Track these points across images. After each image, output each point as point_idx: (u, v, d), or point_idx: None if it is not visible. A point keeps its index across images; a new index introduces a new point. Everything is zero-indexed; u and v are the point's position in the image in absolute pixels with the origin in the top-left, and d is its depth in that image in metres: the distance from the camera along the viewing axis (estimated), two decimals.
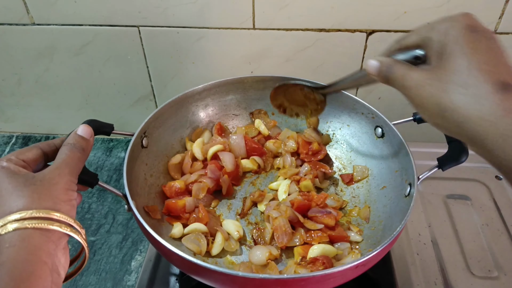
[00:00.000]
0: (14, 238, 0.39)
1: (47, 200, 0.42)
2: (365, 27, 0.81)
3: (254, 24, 0.83)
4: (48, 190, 0.43)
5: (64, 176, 0.45)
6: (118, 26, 0.85)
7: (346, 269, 0.50)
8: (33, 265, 0.39)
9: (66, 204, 0.44)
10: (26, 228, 0.40)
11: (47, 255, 0.40)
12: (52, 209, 0.42)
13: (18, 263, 0.38)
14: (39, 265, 0.39)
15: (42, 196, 0.42)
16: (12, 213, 0.40)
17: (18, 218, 0.40)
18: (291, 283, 0.49)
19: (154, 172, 0.73)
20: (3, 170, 0.43)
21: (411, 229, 0.77)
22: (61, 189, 0.44)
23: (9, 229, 0.39)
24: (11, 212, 0.40)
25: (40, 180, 0.43)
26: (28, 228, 0.40)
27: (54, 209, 0.42)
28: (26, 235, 0.40)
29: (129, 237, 0.82)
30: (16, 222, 0.40)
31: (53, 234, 0.42)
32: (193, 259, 0.50)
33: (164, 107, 0.73)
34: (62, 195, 0.44)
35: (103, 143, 1.05)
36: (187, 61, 0.90)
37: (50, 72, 0.94)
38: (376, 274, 0.69)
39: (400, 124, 0.70)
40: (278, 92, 0.72)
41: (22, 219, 0.40)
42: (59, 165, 0.46)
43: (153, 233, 0.53)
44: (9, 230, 0.39)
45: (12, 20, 0.86)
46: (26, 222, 0.40)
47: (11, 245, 0.39)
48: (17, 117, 1.05)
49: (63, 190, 0.44)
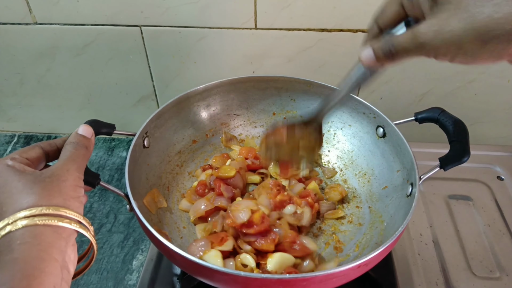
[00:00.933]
0: (26, 235, 0.39)
1: (57, 197, 0.42)
2: (367, 27, 0.81)
3: (256, 24, 0.83)
4: (58, 186, 0.43)
5: (72, 173, 0.45)
6: (120, 26, 0.85)
7: (348, 268, 0.50)
8: (44, 262, 0.39)
9: (75, 200, 0.44)
10: (36, 225, 0.39)
11: (58, 252, 0.40)
12: (61, 206, 0.42)
13: (31, 260, 0.38)
14: (50, 262, 0.39)
15: (51, 193, 0.42)
16: (22, 210, 0.40)
17: (28, 215, 0.40)
18: (293, 283, 0.49)
19: (155, 172, 0.73)
20: (10, 168, 0.43)
21: (413, 229, 0.77)
22: (70, 185, 0.44)
23: (18, 226, 0.39)
24: (21, 209, 0.40)
25: (49, 177, 0.43)
26: (39, 225, 0.40)
27: (64, 206, 0.42)
28: (38, 232, 0.39)
29: (131, 236, 0.82)
30: (25, 219, 0.39)
31: (63, 231, 0.42)
32: (195, 259, 0.50)
33: (165, 107, 0.73)
34: (71, 192, 0.44)
35: (104, 142, 1.05)
36: (189, 61, 0.90)
37: (52, 72, 0.94)
38: (377, 274, 0.69)
39: (401, 124, 0.70)
40: (268, 146, 0.65)
41: (32, 215, 0.40)
42: (66, 162, 0.46)
43: (155, 233, 0.53)
44: (18, 227, 0.39)
45: (14, 19, 0.86)
46: (36, 219, 0.40)
47: (23, 242, 0.39)
48: (19, 116, 1.05)
49: (72, 187, 0.44)
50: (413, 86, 0.89)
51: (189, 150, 0.81)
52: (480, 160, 0.89)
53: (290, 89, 0.82)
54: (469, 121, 0.81)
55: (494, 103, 0.91)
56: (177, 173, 0.78)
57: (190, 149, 0.81)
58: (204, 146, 0.83)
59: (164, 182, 0.74)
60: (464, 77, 0.87)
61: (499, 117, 0.93)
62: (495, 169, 0.88)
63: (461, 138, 0.62)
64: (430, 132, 0.81)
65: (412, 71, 0.87)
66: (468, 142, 0.62)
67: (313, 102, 0.81)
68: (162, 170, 0.75)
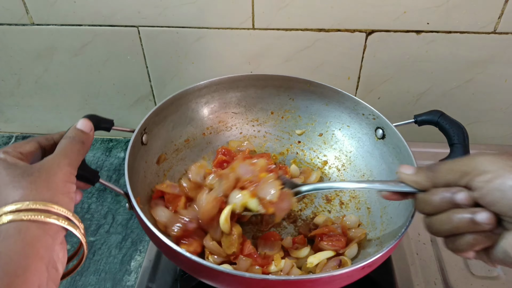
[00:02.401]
0: (10, 230, 0.38)
1: (45, 192, 0.41)
2: (365, 27, 0.81)
3: (253, 24, 0.83)
4: (46, 181, 0.42)
5: (63, 167, 0.44)
6: (117, 26, 0.85)
7: (353, 270, 0.49)
8: (29, 259, 0.37)
9: (64, 196, 0.43)
10: (22, 220, 0.38)
11: (44, 249, 0.39)
12: (49, 201, 0.41)
13: (14, 255, 0.37)
14: (35, 259, 0.38)
15: (39, 187, 0.41)
16: (8, 205, 0.39)
17: (13, 210, 0.38)
18: (298, 284, 0.49)
19: (153, 170, 0.72)
20: (1, 162, 0.42)
21: (411, 229, 0.77)
22: (59, 180, 0.43)
23: (3, 221, 0.38)
24: (7, 204, 0.39)
25: (38, 171, 0.42)
26: (24, 220, 0.38)
27: (52, 201, 0.41)
28: (23, 227, 0.38)
29: (129, 237, 0.82)
30: (11, 213, 0.38)
31: (50, 228, 0.40)
32: (197, 258, 0.49)
33: (164, 103, 0.73)
34: (60, 187, 0.43)
35: (102, 143, 1.05)
36: (187, 61, 0.90)
37: (50, 73, 0.94)
38: (376, 274, 0.68)
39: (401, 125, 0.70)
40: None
41: (17, 210, 0.39)
42: (58, 156, 0.45)
43: (156, 231, 0.52)
44: (3, 222, 0.38)
45: (11, 20, 0.86)
46: (22, 214, 0.38)
47: (7, 236, 0.38)
48: (17, 117, 1.05)
49: (61, 182, 0.43)
50: (411, 85, 0.89)
51: (186, 148, 0.80)
52: None
53: (289, 88, 0.81)
54: (467, 120, 0.81)
55: (492, 102, 0.91)
56: (174, 171, 0.78)
57: (188, 146, 0.81)
58: (201, 144, 0.82)
59: (162, 180, 0.74)
60: (461, 77, 0.87)
61: (497, 116, 0.93)
62: None
63: (462, 141, 0.62)
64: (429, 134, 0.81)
65: (410, 70, 0.87)
66: (468, 146, 0.62)
67: (312, 102, 0.81)
68: (159, 167, 0.75)
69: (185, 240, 0.63)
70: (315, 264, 0.62)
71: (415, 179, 0.48)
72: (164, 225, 0.64)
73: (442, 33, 0.81)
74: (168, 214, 0.66)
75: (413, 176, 0.48)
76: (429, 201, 0.45)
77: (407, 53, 0.84)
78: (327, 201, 0.76)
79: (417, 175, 0.47)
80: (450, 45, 0.82)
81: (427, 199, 0.46)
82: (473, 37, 0.81)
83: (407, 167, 0.49)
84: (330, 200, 0.76)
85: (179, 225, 0.62)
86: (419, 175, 0.47)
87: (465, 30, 0.80)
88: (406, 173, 0.49)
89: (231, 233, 0.61)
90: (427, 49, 0.83)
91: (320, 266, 0.62)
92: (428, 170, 0.47)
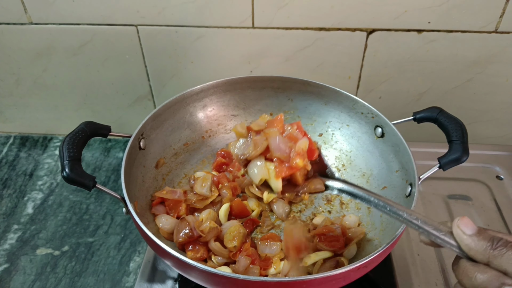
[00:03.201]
0: None
1: None
2: (365, 26, 0.81)
3: (253, 23, 0.82)
4: None
5: None
6: (116, 25, 0.84)
7: (348, 270, 0.49)
8: None
9: None
10: None
11: None
12: None
13: None
14: None
15: None
16: None
17: None
18: (292, 285, 0.49)
19: (151, 174, 0.72)
20: None
21: (412, 230, 0.76)
22: None
23: None
24: None
25: None
26: None
27: None
28: None
29: (128, 238, 0.81)
30: None
31: None
32: (194, 263, 0.49)
33: (161, 108, 0.73)
34: None
35: (101, 143, 1.04)
36: (186, 60, 0.89)
37: (48, 72, 0.94)
38: (377, 275, 0.68)
39: (400, 123, 0.70)
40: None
41: None
42: None
43: (153, 237, 0.52)
44: None
45: (10, 19, 0.85)
46: None
47: None
48: (15, 117, 1.04)
49: None
50: (411, 85, 0.89)
51: (185, 152, 0.80)
52: (479, 159, 0.89)
53: (287, 89, 0.81)
54: (467, 120, 0.81)
55: (493, 102, 0.90)
56: (173, 175, 0.77)
57: (186, 150, 0.80)
58: (200, 148, 0.82)
59: (160, 184, 0.74)
60: (462, 76, 0.86)
61: (497, 116, 0.93)
62: (494, 169, 0.87)
63: (460, 138, 0.62)
64: (428, 132, 0.80)
65: (410, 70, 0.86)
66: (467, 142, 0.62)
67: (311, 102, 0.81)
68: (158, 172, 0.74)
69: (191, 247, 0.64)
70: (311, 264, 0.62)
71: (472, 246, 0.40)
72: (168, 232, 0.65)
73: (443, 32, 0.80)
74: (171, 221, 0.67)
75: (471, 241, 0.40)
76: (471, 276, 0.39)
77: (408, 53, 0.84)
78: (327, 201, 0.76)
79: (477, 243, 0.39)
80: (451, 45, 0.82)
81: (470, 272, 0.39)
82: (474, 37, 0.80)
83: (468, 224, 0.41)
84: (331, 201, 0.76)
85: (186, 231, 0.63)
86: (479, 244, 0.39)
87: (466, 30, 0.80)
88: (465, 233, 0.41)
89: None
90: (428, 48, 0.83)
91: (317, 267, 0.62)
92: (490, 244, 0.39)
